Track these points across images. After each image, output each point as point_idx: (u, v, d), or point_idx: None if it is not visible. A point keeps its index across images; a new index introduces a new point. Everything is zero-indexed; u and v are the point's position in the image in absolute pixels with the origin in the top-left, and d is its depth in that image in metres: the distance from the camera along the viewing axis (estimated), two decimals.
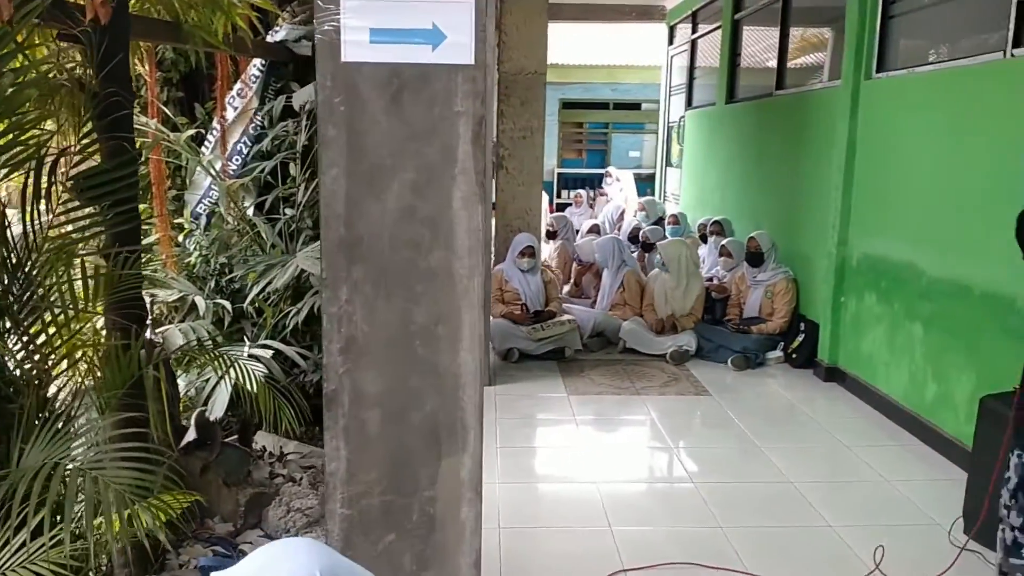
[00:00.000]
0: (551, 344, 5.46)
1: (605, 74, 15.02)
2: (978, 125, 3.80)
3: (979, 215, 3.76)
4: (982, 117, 3.77)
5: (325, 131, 1.92)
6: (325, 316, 2.02)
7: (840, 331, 5.13)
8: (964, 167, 3.89)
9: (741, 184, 7.29)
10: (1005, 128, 3.58)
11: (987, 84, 3.75)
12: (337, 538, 2.09)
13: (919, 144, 4.30)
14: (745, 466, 3.84)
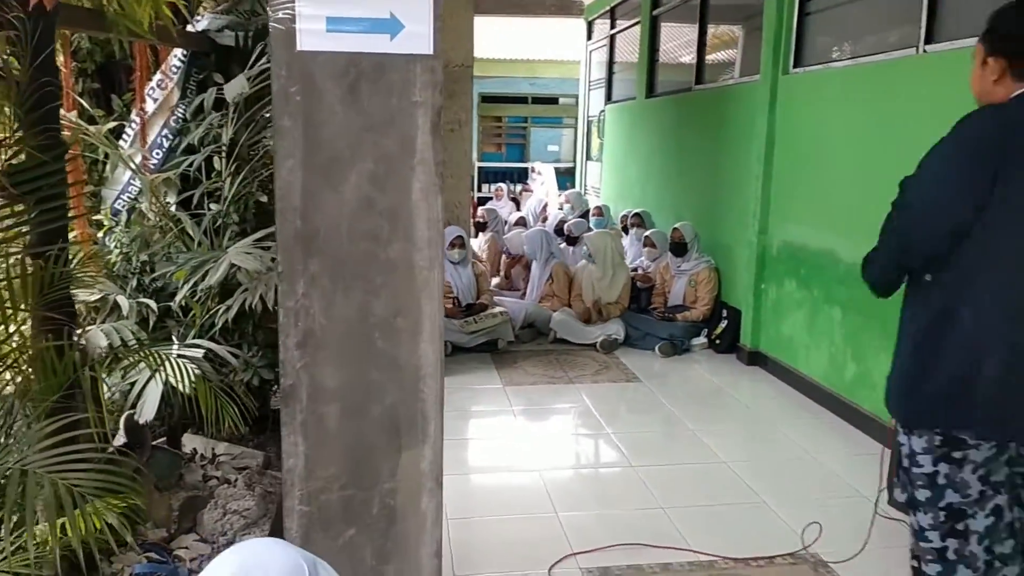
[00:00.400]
0: (484, 336, 5.49)
1: (524, 68, 15.11)
2: (892, 118, 4.02)
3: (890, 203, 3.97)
4: (896, 110, 3.99)
5: (280, 122, 1.89)
6: (281, 310, 1.98)
7: (761, 317, 5.34)
8: (879, 158, 4.11)
9: (662, 177, 7.47)
10: (917, 121, 3.80)
11: (900, 79, 3.96)
12: (296, 535, 2.07)
13: (836, 136, 4.51)
14: (679, 448, 3.97)
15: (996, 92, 2.02)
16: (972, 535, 1.99)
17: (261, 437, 3.77)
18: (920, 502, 2.04)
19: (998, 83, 2.01)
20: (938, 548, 2.02)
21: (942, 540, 2.01)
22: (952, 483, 1.98)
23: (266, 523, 2.99)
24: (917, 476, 2.03)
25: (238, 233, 4.13)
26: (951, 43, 3.60)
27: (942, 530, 2.01)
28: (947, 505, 1.98)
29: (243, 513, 3.11)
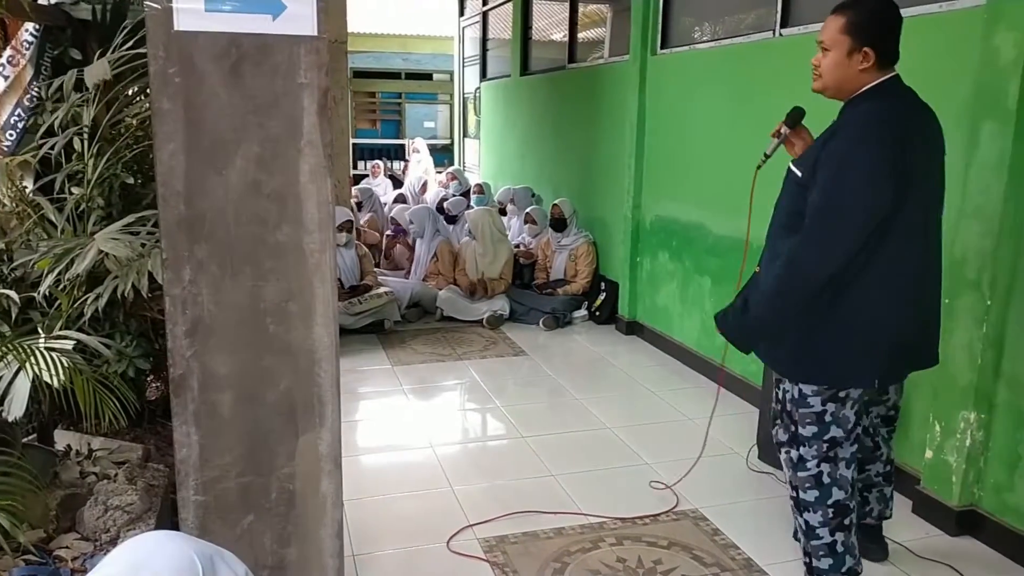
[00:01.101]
0: (370, 317, 5.46)
1: (397, 44, 14.90)
2: (752, 97, 4.27)
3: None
4: (755, 90, 4.24)
5: (160, 104, 1.82)
6: (168, 298, 1.93)
7: (638, 288, 5.58)
8: (740, 135, 4.36)
9: (540, 154, 7.61)
10: (775, 99, 4.04)
11: (759, 60, 4.21)
12: (192, 526, 2.03)
13: (701, 114, 4.74)
14: (566, 417, 4.11)
15: (860, 79, 2.22)
16: (841, 461, 2.35)
17: (139, 430, 3.64)
18: (805, 437, 2.36)
19: (864, 72, 2.21)
20: (814, 474, 2.36)
21: (817, 466, 2.35)
22: (836, 419, 2.33)
23: (151, 517, 2.91)
24: (805, 415, 2.34)
25: (104, 218, 3.92)
26: (804, 27, 3.86)
27: (819, 458, 2.34)
28: (830, 438, 2.34)
29: (126, 508, 3.00)
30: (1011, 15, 2.65)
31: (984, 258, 2.79)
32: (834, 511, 2.36)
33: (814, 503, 2.38)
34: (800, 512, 2.43)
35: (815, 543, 2.40)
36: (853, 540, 2.41)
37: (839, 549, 2.38)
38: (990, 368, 2.84)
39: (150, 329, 3.28)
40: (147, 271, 2.86)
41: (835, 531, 2.37)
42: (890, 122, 2.16)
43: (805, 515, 2.41)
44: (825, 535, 2.38)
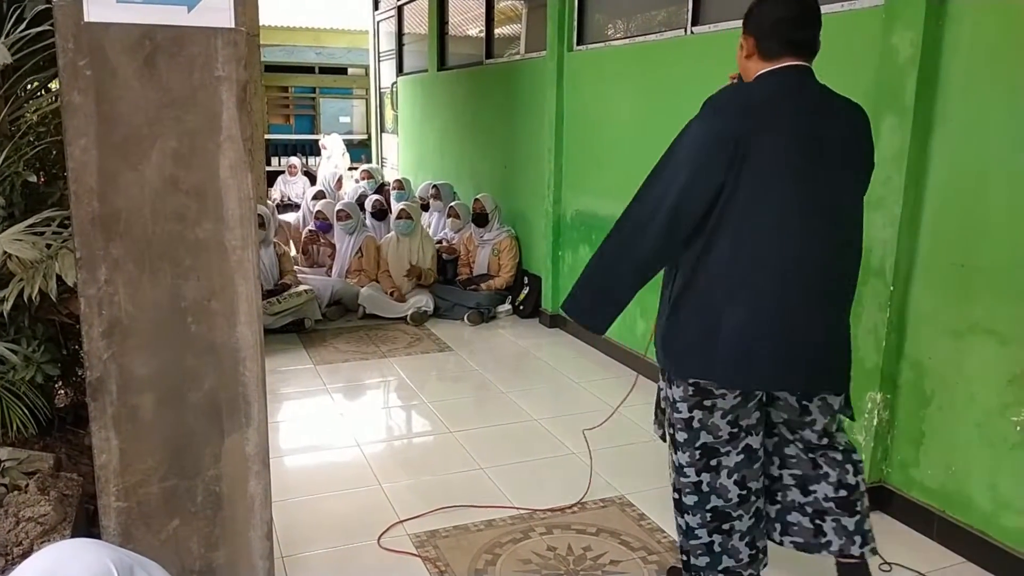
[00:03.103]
0: (289, 316, 5.36)
1: (309, 37, 14.61)
2: (665, 92, 4.38)
3: None
4: (668, 85, 4.35)
5: (70, 98, 1.75)
6: (83, 299, 1.86)
7: (560, 282, 5.65)
8: (655, 129, 4.46)
9: (459, 149, 7.60)
10: (687, 95, 4.16)
11: (672, 56, 4.32)
12: (115, 533, 1.97)
13: (617, 110, 4.84)
14: (493, 411, 4.14)
15: (749, 68, 2.19)
16: (723, 470, 2.26)
17: (48, 438, 3.48)
18: (679, 443, 2.28)
19: (749, 60, 2.18)
20: (694, 482, 2.28)
21: (697, 475, 2.27)
22: (705, 426, 2.23)
23: (66, 527, 2.79)
24: (676, 420, 2.27)
25: (5, 218, 3.73)
26: (714, 25, 3.98)
27: (697, 466, 2.27)
28: (702, 445, 2.24)
29: (39, 520, 2.87)
30: (907, 15, 2.81)
31: (886, 247, 2.95)
32: (712, 515, 2.29)
33: (693, 507, 2.31)
34: (680, 513, 2.37)
35: (693, 542, 2.34)
36: (735, 544, 2.31)
37: (716, 549, 2.31)
38: (894, 351, 3.01)
39: (59, 333, 3.14)
40: (55, 273, 2.74)
41: (713, 533, 2.30)
42: (738, 97, 2.14)
43: (685, 516, 2.35)
44: (703, 535, 2.31)
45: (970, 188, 2.74)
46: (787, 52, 2.12)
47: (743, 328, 2.10)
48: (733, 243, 2.07)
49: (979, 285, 2.72)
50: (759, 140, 2.04)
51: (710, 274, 2.11)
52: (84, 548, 1.47)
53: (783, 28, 2.11)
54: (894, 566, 2.74)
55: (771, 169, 2.05)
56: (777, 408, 2.30)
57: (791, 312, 2.11)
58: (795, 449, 2.33)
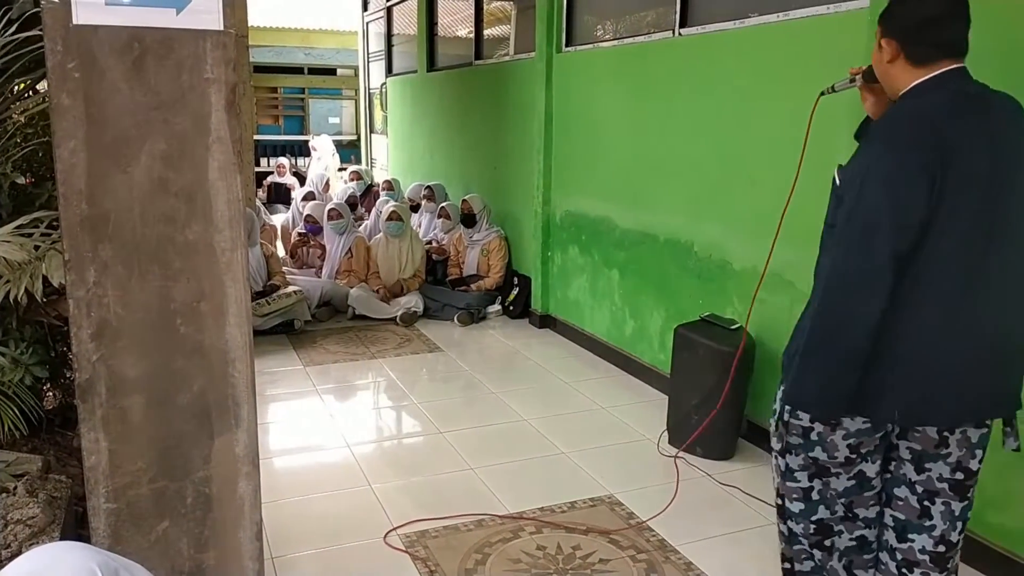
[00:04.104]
0: (279, 317, 5.35)
1: (298, 38, 14.57)
2: (653, 93, 4.40)
3: (658, 172, 4.38)
4: (656, 87, 4.38)
5: (59, 100, 1.76)
6: (72, 301, 1.86)
7: (549, 282, 5.67)
8: (643, 130, 4.49)
9: (449, 150, 7.61)
10: (675, 96, 4.20)
11: (660, 58, 4.35)
12: (104, 535, 1.97)
13: (606, 111, 4.86)
14: (483, 411, 4.15)
15: (894, 74, 1.95)
16: (832, 490, 2.08)
17: (37, 440, 3.47)
18: (793, 446, 2.11)
19: (892, 65, 1.94)
20: (804, 488, 2.11)
21: (809, 481, 2.10)
22: (823, 442, 2.04)
23: (55, 530, 2.79)
24: (795, 427, 2.08)
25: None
26: (702, 27, 4.01)
27: (809, 471, 2.10)
28: (814, 459, 2.07)
29: (27, 522, 2.86)
30: None
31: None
32: (816, 527, 2.13)
33: (799, 515, 2.15)
34: (783, 520, 2.20)
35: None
36: (834, 564, 2.15)
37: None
38: None
39: (47, 335, 3.14)
40: (42, 274, 2.74)
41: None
42: (921, 120, 1.86)
43: (789, 523, 2.18)
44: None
45: None
46: (941, 55, 1.88)
47: (908, 361, 1.89)
48: (918, 275, 1.86)
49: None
50: (961, 158, 1.81)
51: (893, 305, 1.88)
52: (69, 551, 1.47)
53: (933, 29, 1.88)
54: None
55: (969, 187, 1.83)
56: (909, 439, 2.04)
57: (978, 348, 1.90)
58: (906, 492, 2.09)
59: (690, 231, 4.15)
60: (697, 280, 4.08)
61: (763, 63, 3.58)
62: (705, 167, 3.99)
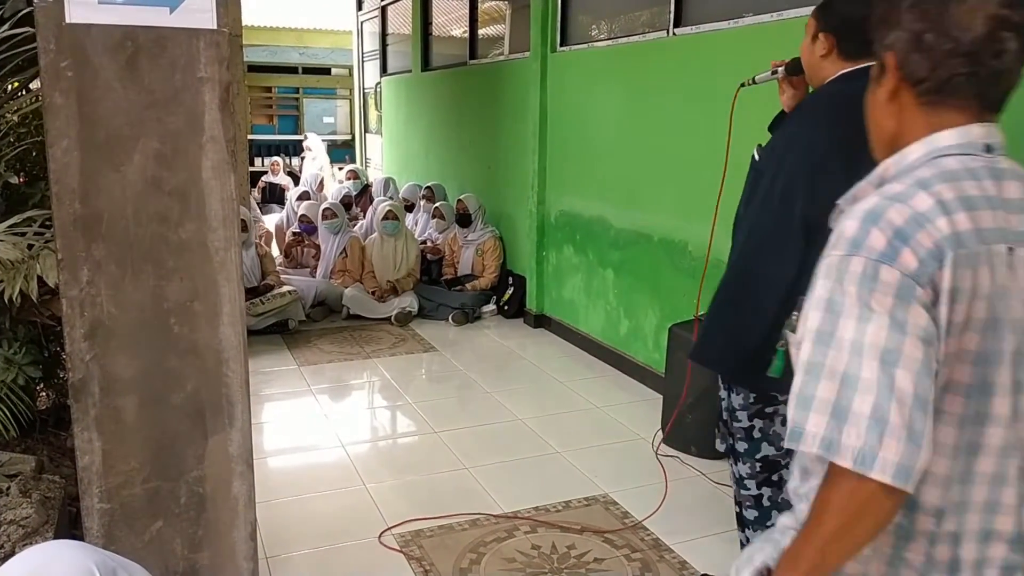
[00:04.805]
0: (273, 317, 5.34)
1: (293, 37, 14.55)
2: (648, 93, 4.41)
3: (652, 172, 4.38)
4: (651, 86, 4.38)
5: (52, 99, 1.75)
6: (65, 300, 1.86)
7: (544, 282, 5.67)
8: (638, 130, 4.50)
9: (444, 149, 7.61)
10: (670, 96, 4.21)
11: (655, 58, 4.35)
12: (98, 535, 1.96)
13: (601, 110, 4.86)
14: (477, 411, 4.15)
15: (823, 66, 2.04)
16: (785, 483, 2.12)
17: (30, 440, 3.46)
18: (740, 453, 2.18)
19: (825, 59, 2.03)
20: (755, 496, 2.18)
21: (758, 488, 2.17)
22: (766, 436, 2.12)
23: (48, 530, 2.78)
24: (737, 430, 2.16)
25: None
26: (696, 27, 4.01)
27: (758, 479, 2.16)
28: (763, 457, 2.13)
29: (21, 523, 2.85)
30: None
31: None
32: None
33: (754, 522, 2.22)
34: (742, 528, 2.29)
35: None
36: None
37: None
38: None
39: (40, 335, 3.13)
40: (36, 274, 2.73)
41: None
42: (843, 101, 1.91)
43: (747, 532, 2.26)
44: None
45: None
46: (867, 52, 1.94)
47: None
48: None
49: None
50: None
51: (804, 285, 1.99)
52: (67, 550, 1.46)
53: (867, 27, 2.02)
54: None
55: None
56: None
57: None
58: None
59: (684, 231, 4.15)
60: (691, 279, 4.08)
61: (758, 63, 3.56)
62: (700, 167, 3.99)
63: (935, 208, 1.01)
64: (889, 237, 1.00)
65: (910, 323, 0.97)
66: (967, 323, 1.01)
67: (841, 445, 0.97)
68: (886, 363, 0.97)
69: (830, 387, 0.99)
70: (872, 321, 0.98)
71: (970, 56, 1.04)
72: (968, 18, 1.03)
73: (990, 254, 1.02)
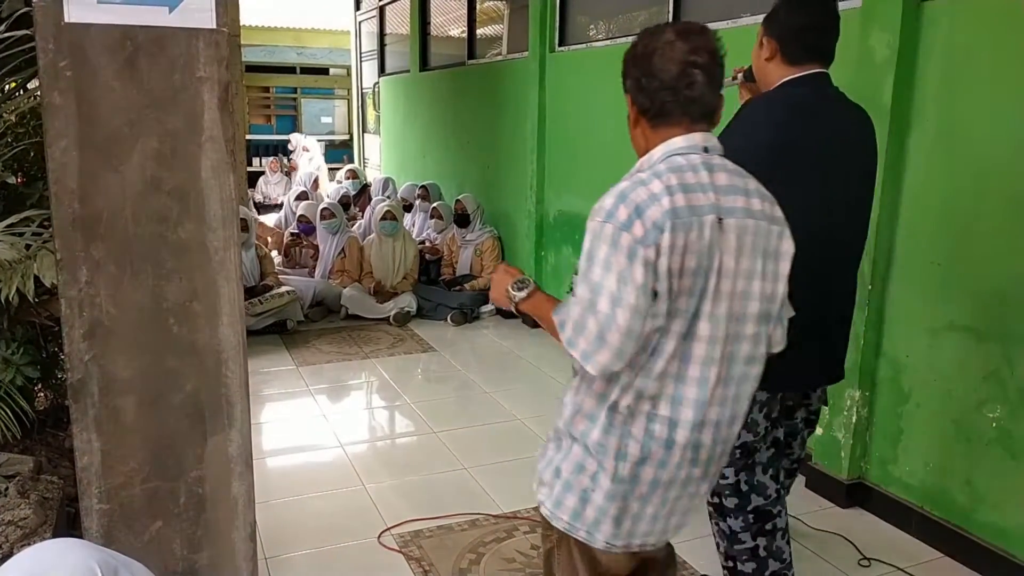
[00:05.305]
0: (272, 317, 5.33)
1: (291, 37, 14.53)
2: None
3: None
4: None
5: (51, 98, 1.75)
6: (64, 300, 1.85)
7: (543, 282, 5.66)
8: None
9: (442, 150, 7.60)
10: None
11: None
12: (97, 535, 1.96)
13: (599, 110, 4.86)
14: (476, 411, 4.15)
15: (769, 70, 2.19)
16: (758, 466, 2.23)
17: (28, 441, 3.45)
18: None
19: (770, 62, 2.18)
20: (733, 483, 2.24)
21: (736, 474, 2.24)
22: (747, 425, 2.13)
23: (47, 531, 2.77)
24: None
25: None
26: None
27: (736, 465, 2.22)
28: (741, 444, 2.17)
29: (19, 523, 2.85)
30: (884, 16, 2.85)
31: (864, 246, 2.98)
32: (755, 516, 2.27)
33: (734, 510, 2.28)
34: (723, 518, 2.33)
35: (738, 547, 2.30)
36: (779, 544, 2.30)
37: (762, 553, 2.28)
38: (872, 348, 3.05)
39: (39, 335, 3.12)
40: (34, 274, 2.72)
41: (757, 536, 2.27)
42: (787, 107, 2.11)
43: (728, 520, 2.30)
44: (747, 540, 2.28)
45: (946, 188, 2.78)
46: (811, 59, 2.16)
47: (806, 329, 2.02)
48: None
49: (955, 283, 2.76)
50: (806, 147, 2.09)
51: None
52: (69, 548, 1.46)
53: (809, 36, 2.16)
54: (873, 561, 2.77)
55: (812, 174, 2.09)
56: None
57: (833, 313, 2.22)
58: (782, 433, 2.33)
59: None
60: None
61: None
62: None
63: (663, 191, 1.44)
64: (630, 212, 1.43)
65: (632, 278, 1.41)
66: (682, 270, 1.44)
67: (577, 346, 1.46)
68: (613, 303, 1.42)
69: (580, 311, 1.46)
70: (611, 272, 1.42)
71: (672, 89, 1.50)
72: (667, 64, 1.50)
73: (700, 223, 1.45)
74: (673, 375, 1.50)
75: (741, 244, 1.49)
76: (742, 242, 1.49)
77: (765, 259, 1.54)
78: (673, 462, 1.53)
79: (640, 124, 1.59)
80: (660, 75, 1.50)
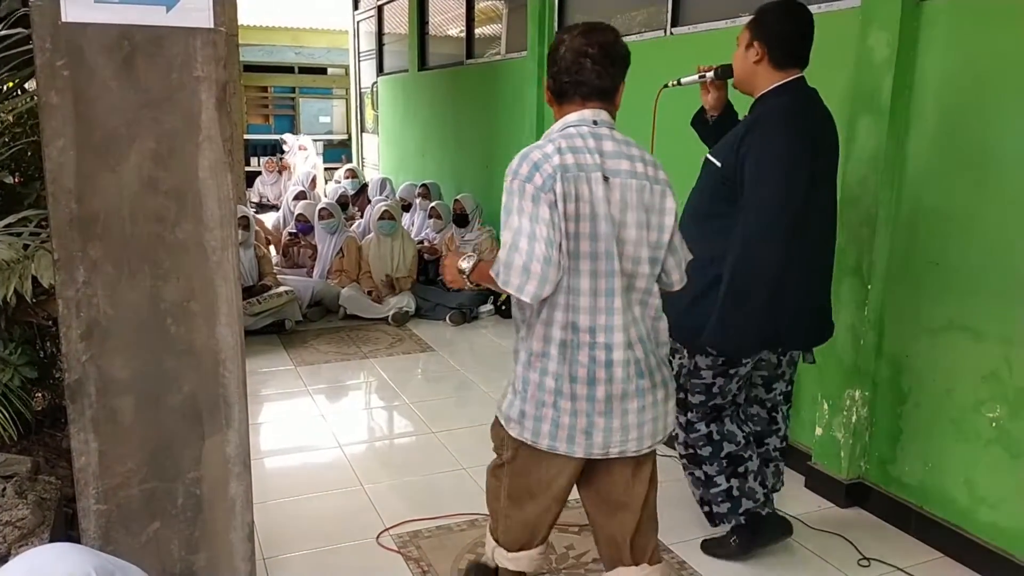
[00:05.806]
0: (270, 317, 5.32)
1: (289, 37, 14.52)
2: (644, 92, 4.39)
3: None
4: (647, 85, 4.36)
5: (48, 98, 1.74)
6: (61, 301, 1.85)
7: None
8: (634, 129, 4.47)
9: (441, 149, 7.60)
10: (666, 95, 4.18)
11: (651, 57, 4.34)
12: (94, 536, 1.96)
13: None
14: (475, 411, 4.14)
15: (757, 72, 2.41)
16: (726, 417, 2.63)
17: (25, 441, 3.45)
18: (694, 404, 2.59)
19: (758, 65, 2.39)
20: (706, 433, 2.62)
21: (707, 427, 2.61)
22: (722, 391, 2.57)
23: (45, 531, 2.77)
24: (696, 385, 2.56)
25: None
26: (693, 27, 4.01)
27: (706, 420, 2.59)
28: (713, 406, 2.60)
29: (17, 524, 2.84)
30: (883, 16, 2.85)
31: (863, 245, 2.98)
32: (727, 461, 2.60)
33: (709, 457, 2.61)
34: (698, 465, 2.65)
35: (713, 491, 2.63)
36: (751, 485, 2.62)
37: (735, 493, 2.61)
38: (872, 348, 3.04)
39: (36, 336, 3.11)
40: (31, 274, 2.71)
41: (731, 478, 2.60)
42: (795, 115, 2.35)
43: (704, 467, 2.64)
44: (722, 482, 2.61)
45: (944, 187, 2.78)
46: (794, 64, 2.39)
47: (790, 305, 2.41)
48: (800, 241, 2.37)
49: (954, 283, 2.76)
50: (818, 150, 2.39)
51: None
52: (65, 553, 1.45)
53: (796, 42, 2.37)
54: (872, 561, 2.77)
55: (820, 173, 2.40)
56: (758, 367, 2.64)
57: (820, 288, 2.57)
58: (758, 408, 2.73)
59: None
60: None
61: None
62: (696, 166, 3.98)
63: (555, 151, 1.80)
64: (529, 168, 1.79)
65: (540, 216, 1.74)
66: (578, 215, 1.79)
67: (511, 283, 1.76)
68: (530, 239, 1.74)
69: (506, 253, 1.78)
70: (524, 215, 1.76)
71: (566, 72, 1.88)
72: (566, 54, 1.88)
73: (588, 178, 1.80)
74: (598, 308, 1.83)
75: (625, 199, 1.83)
76: (626, 198, 1.83)
77: (649, 213, 1.87)
78: (619, 377, 1.85)
79: (553, 104, 1.96)
80: (560, 63, 1.89)
